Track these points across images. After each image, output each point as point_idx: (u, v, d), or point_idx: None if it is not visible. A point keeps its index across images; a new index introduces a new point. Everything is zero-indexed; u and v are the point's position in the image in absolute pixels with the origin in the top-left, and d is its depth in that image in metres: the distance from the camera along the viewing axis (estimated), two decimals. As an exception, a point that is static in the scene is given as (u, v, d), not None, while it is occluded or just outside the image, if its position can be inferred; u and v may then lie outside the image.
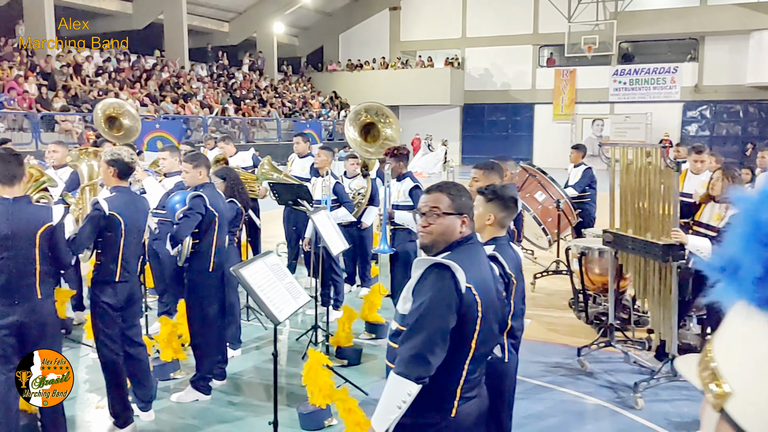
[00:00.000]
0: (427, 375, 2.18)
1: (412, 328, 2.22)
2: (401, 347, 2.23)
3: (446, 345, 2.21)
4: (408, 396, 2.16)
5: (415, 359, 2.17)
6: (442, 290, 2.21)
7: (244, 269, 3.16)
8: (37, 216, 3.48)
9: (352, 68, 31.34)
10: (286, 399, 4.80)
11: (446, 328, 2.21)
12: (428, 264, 2.27)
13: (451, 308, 2.21)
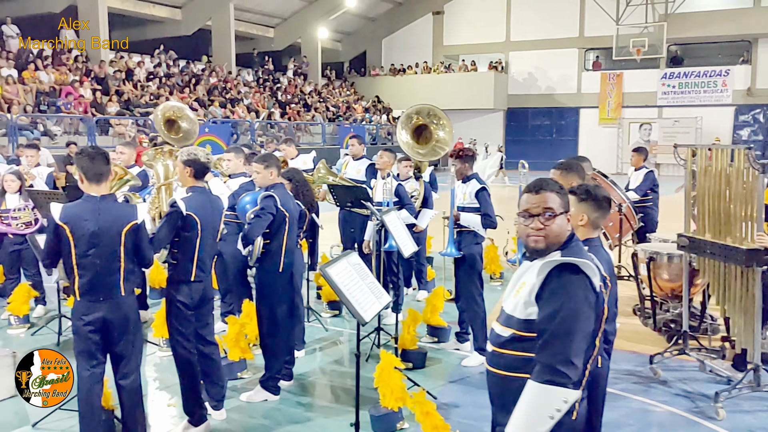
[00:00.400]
0: (578, 379, 2.12)
1: (555, 333, 2.16)
2: (543, 354, 2.17)
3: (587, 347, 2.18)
4: (564, 404, 2.10)
5: (564, 365, 2.11)
6: (580, 291, 2.17)
7: (331, 268, 3.13)
8: (122, 214, 3.52)
9: (394, 73, 31.38)
10: (353, 401, 4.76)
11: (590, 330, 2.17)
12: (553, 266, 2.21)
13: (592, 308, 2.17)
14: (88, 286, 3.48)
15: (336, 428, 4.34)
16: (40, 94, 16.28)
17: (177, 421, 4.32)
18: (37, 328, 6.23)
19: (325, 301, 6.94)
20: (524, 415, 2.15)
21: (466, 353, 5.69)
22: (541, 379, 2.14)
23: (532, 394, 2.15)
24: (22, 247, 6.43)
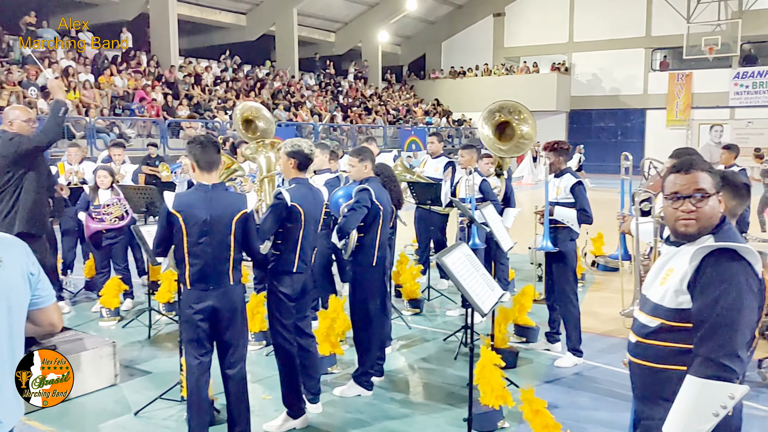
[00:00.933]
0: (743, 373, 1.98)
1: (717, 323, 2.01)
2: (704, 347, 2.03)
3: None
4: (730, 400, 1.96)
5: (729, 358, 1.97)
6: (742, 278, 2.02)
7: (447, 257, 3.05)
8: (233, 203, 3.53)
9: (454, 75, 31.21)
10: (447, 398, 4.68)
11: (754, 319, 2.02)
12: (707, 251, 2.07)
13: (756, 297, 2.02)
14: (199, 275, 3.50)
15: (433, 425, 4.26)
16: (115, 98, 16.83)
17: (273, 414, 4.31)
18: (128, 321, 6.37)
19: (405, 299, 6.87)
20: (685, 413, 2.01)
21: (557, 354, 5.53)
22: (704, 374, 2.00)
23: (693, 391, 2.01)
24: (114, 242, 6.59)
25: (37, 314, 2.26)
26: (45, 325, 2.32)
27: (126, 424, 4.22)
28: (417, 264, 7.44)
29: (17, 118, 4.64)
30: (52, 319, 2.32)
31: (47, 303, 2.29)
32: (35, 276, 2.24)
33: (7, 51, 16.49)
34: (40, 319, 2.28)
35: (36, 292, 2.25)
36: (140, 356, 5.50)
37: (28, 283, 2.20)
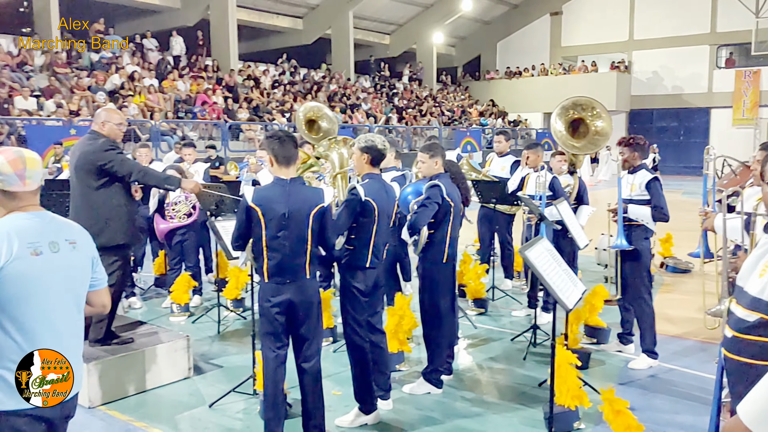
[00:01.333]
0: None
1: None
2: None
3: None
4: None
5: None
6: None
7: (529, 251, 2.99)
8: (310, 197, 3.56)
9: (510, 76, 30.87)
10: (519, 398, 4.60)
11: None
12: None
13: None
14: (276, 268, 3.53)
15: (507, 424, 4.19)
16: (178, 102, 17.28)
17: (344, 409, 4.31)
18: (197, 317, 6.50)
19: (470, 298, 6.80)
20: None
21: (630, 356, 5.38)
22: None
23: None
24: (185, 239, 6.75)
25: (93, 295, 2.55)
26: (98, 306, 2.60)
27: (201, 416, 4.30)
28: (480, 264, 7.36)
29: (110, 121, 4.68)
30: (104, 300, 2.61)
31: (102, 286, 2.59)
32: (96, 261, 2.54)
33: (77, 58, 17.12)
34: (95, 300, 2.55)
35: (95, 275, 2.54)
36: (211, 351, 5.61)
37: (92, 265, 2.50)
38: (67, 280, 2.36)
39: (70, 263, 2.37)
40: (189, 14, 21.57)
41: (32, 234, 2.27)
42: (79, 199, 4.62)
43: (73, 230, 2.45)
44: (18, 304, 2.23)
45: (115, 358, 4.56)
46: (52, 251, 2.30)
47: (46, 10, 17.10)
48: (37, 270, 2.25)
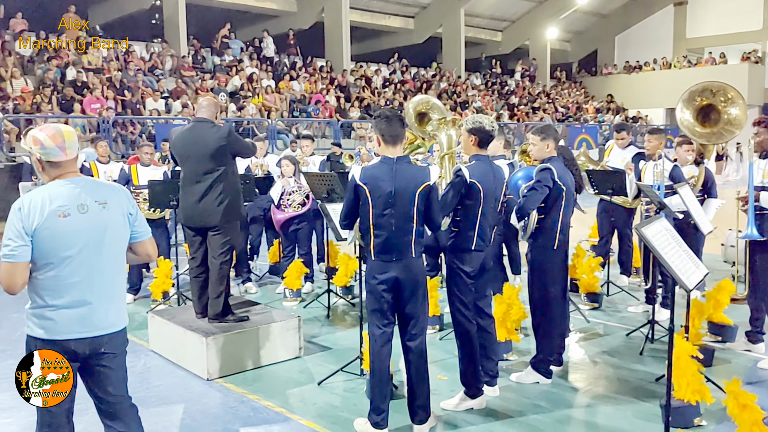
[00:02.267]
0: None
1: None
2: None
3: None
4: None
5: None
6: None
7: (647, 228, 2.84)
8: (417, 175, 3.57)
9: (629, 70, 29.54)
10: (634, 392, 4.38)
11: None
12: None
13: None
14: (383, 246, 3.57)
15: (620, 416, 4.00)
16: (293, 101, 17.92)
17: (449, 393, 4.29)
18: (308, 302, 6.70)
19: (582, 293, 6.56)
20: None
21: (759, 355, 4.98)
22: None
23: None
24: (299, 227, 6.98)
25: (136, 246, 2.91)
26: (142, 255, 2.96)
27: (310, 393, 4.42)
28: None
29: (213, 108, 5.04)
30: (148, 250, 2.96)
31: (143, 238, 2.92)
32: (133, 216, 2.87)
33: (201, 62, 18.18)
34: (138, 250, 2.92)
35: (134, 229, 2.88)
36: (321, 333, 5.76)
37: (127, 221, 2.83)
38: (97, 235, 2.70)
39: (99, 221, 2.71)
40: (305, 17, 22.31)
41: (63, 198, 2.64)
42: (199, 184, 4.87)
43: (104, 192, 2.78)
44: (52, 259, 2.62)
45: (231, 334, 4.78)
46: (80, 212, 2.66)
47: (175, 19, 18.27)
48: (63, 229, 2.62)
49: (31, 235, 2.58)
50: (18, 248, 2.57)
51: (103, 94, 14.13)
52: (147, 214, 6.73)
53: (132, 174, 6.91)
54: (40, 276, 2.65)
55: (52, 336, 2.65)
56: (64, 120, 13.03)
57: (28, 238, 2.58)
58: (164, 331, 5.16)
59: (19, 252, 2.57)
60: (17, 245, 2.57)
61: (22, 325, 2.75)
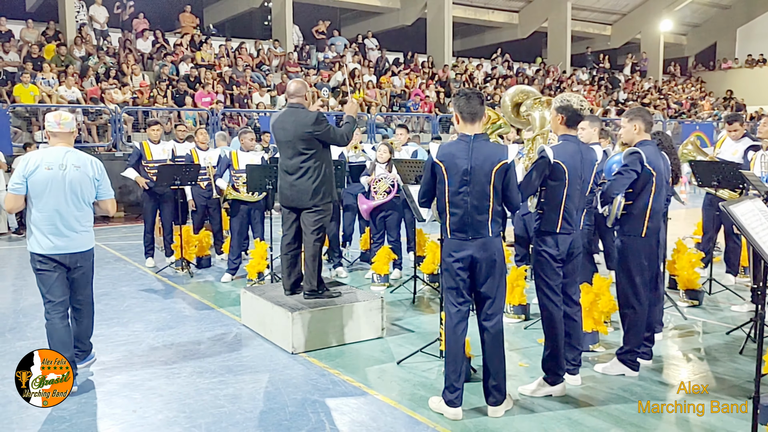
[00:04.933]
0: None
1: None
2: None
3: None
4: None
5: None
6: None
7: (736, 207, 2.68)
8: (494, 153, 3.54)
9: (752, 65, 27.61)
10: (729, 390, 4.12)
11: None
12: None
13: None
14: (459, 224, 3.57)
15: (708, 412, 3.78)
16: (393, 96, 18.10)
17: (529, 380, 4.22)
18: (395, 287, 6.78)
19: (681, 289, 6.23)
20: None
21: None
22: None
23: None
24: (388, 215, 7.08)
25: (99, 202, 4.26)
26: (103, 209, 4.32)
27: (389, 371, 4.49)
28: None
29: (303, 91, 5.25)
30: (107, 206, 4.30)
31: (104, 197, 4.25)
32: (99, 181, 4.18)
33: (306, 58, 18.73)
34: (100, 205, 4.28)
35: (98, 190, 4.20)
36: (404, 316, 5.82)
37: (93, 183, 4.15)
38: (70, 187, 4.02)
39: (73, 178, 4.03)
40: (408, 14, 22.47)
41: (51, 158, 4.01)
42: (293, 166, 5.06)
43: (81, 160, 4.10)
44: (38, 196, 3.98)
45: (317, 310, 4.93)
46: (60, 170, 4.00)
47: (282, 17, 18.94)
48: (45, 178, 3.97)
49: (26, 177, 3.96)
50: (18, 184, 3.97)
51: (214, 89, 14.89)
52: (246, 197, 7.05)
53: (232, 159, 7.26)
54: (33, 210, 4.00)
55: (43, 251, 4.02)
56: (176, 113, 13.86)
57: (24, 180, 3.96)
58: (254, 306, 5.39)
59: (19, 187, 3.98)
60: (18, 183, 3.97)
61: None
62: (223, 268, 7.59)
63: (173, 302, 6.39)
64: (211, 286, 7.06)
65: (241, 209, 7.19)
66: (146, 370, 4.53)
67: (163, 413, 3.82)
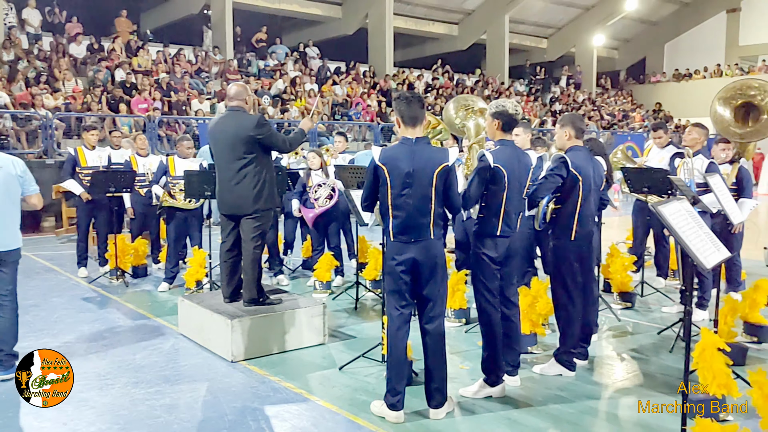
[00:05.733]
0: None
1: None
2: None
3: None
4: None
5: None
6: None
7: (664, 207, 2.79)
8: (435, 156, 3.58)
9: (678, 78, 28.86)
10: (660, 387, 4.28)
11: None
12: None
13: None
14: (401, 227, 3.58)
15: (641, 409, 3.90)
16: (335, 105, 18.10)
17: (470, 382, 4.26)
18: (337, 294, 6.75)
19: (615, 291, 6.43)
20: None
21: (798, 357, 4.80)
22: None
23: None
24: (328, 221, 7.05)
25: (25, 197, 4.38)
26: (30, 204, 4.45)
27: (330, 377, 4.45)
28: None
29: (244, 95, 5.14)
30: (33, 201, 4.44)
31: (29, 193, 4.39)
32: (23, 178, 4.31)
33: (247, 65, 18.54)
34: (27, 200, 4.40)
35: (24, 187, 4.32)
36: (346, 323, 5.79)
37: (17, 181, 4.27)
38: (3, 185, 4.17)
39: (3, 178, 4.17)
40: (349, 23, 22.55)
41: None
42: (233, 171, 4.96)
43: (1, 160, 4.22)
44: None
45: (256, 317, 4.86)
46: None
47: (222, 24, 18.70)
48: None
49: None
50: None
51: (151, 95, 14.54)
52: (183, 204, 6.89)
53: (169, 165, 7.09)
54: None
55: None
56: (111, 119, 13.47)
57: None
58: (192, 315, 5.27)
59: None
60: None
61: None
62: (161, 277, 7.40)
63: (107, 313, 6.18)
64: (148, 296, 6.86)
65: (177, 216, 7.02)
66: (78, 382, 4.33)
67: (96, 425, 3.68)
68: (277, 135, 5.05)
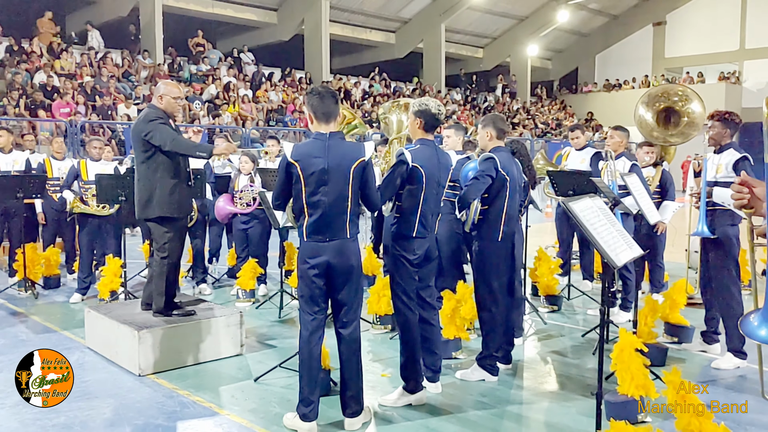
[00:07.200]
0: None
1: None
2: None
3: None
4: None
5: None
6: None
7: (575, 204, 2.71)
8: (351, 151, 3.42)
9: (609, 88, 29.73)
10: (581, 390, 4.24)
11: None
12: None
13: None
14: (316, 226, 3.40)
15: (563, 413, 3.86)
16: (270, 111, 17.79)
17: (391, 390, 4.11)
18: (261, 302, 6.51)
19: (542, 295, 6.42)
20: None
21: (714, 356, 4.86)
22: None
23: None
24: (248, 227, 6.79)
25: None
26: None
27: (244, 389, 4.23)
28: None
29: (168, 94, 4.65)
30: None
31: None
32: None
33: (178, 70, 18.03)
34: None
35: None
36: (268, 333, 5.57)
37: None
38: None
39: None
40: (285, 29, 22.27)
41: None
42: (138, 173, 4.67)
43: None
44: None
45: (167, 328, 4.58)
46: None
47: (151, 27, 18.15)
48: None
49: None
50: None
51: (74, 99, 13.92)
52: (95, 210, 6.53)
53: (81, 169, 6.71)
54: None
55: None
56: (29, 123, 12.82)
57: None
58: (99, 327, 4.94)
59: None
60: None
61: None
62: (75, 287, 6.98)
63: (10, 326, 5.76)
64: (58, 308, 6.45)
65: (90, 223, 6.63)
66: (-36, 403, 3.99)
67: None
68: (163, 132, 4.45)
